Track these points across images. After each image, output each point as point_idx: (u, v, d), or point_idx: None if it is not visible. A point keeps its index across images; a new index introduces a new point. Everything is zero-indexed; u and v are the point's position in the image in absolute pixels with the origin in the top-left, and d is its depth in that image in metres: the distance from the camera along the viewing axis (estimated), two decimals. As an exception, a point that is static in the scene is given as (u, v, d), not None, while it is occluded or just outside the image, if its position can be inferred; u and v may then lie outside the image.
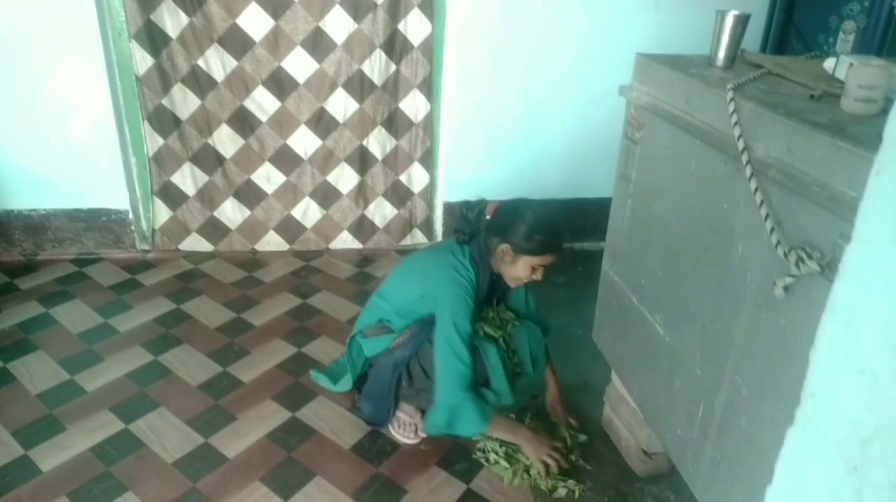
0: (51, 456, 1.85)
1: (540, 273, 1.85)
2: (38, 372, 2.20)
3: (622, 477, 1.89)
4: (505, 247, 1.81)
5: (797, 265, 0.99)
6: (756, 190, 1.11)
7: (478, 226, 1.90)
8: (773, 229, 1.07)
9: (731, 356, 1.27)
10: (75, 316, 2.52)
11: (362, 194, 3.12)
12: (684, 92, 1.42)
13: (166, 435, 1.95)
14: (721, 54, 1.49)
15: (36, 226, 2.89)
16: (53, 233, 2.91)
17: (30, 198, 2.85)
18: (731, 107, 1.20)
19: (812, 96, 1.21)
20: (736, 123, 1.18)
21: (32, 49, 2.59)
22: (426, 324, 1.89)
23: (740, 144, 1.16)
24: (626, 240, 1.75)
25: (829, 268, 0.97)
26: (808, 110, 1.14)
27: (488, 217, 1.89)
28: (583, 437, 1.99)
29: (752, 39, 3.02)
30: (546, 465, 1.81)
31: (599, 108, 3.01)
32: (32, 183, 2.81)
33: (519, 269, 1.83)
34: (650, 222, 1.61)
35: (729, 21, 1.47)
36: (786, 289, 1.05)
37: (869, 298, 0.58)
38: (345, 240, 3.16)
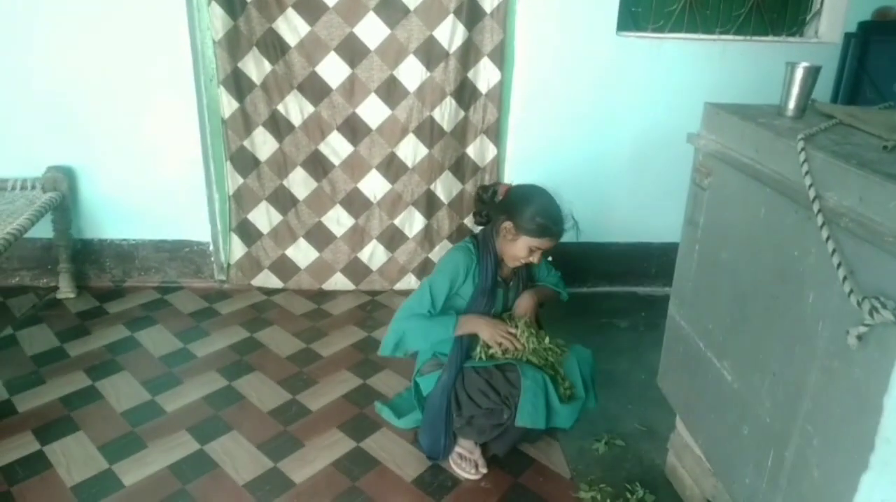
0: (132, 472, 1.96)
1: (537, 256, 1.96)
2: (122, 391, 2.34)
3: (686, 528, 1.85)
4: (508, 224, 1.93)
5: (871, 314, 1.00)
6: (828, 238, 1.12)
7: (492, 208, 2.04)
8: (845, 278, 1.08)
9: (802, 405, 1.26)
10: (157, 340, 2.68)
11: (428, 237, 3.21)
12: (754, 141, 1.45)
13: (238, 457, 2.04)
14: (791, 104, 1.51)
15: (125, 254, 3.10)
16: (140, 261, 3.12)
17: (121, 228, 3.07)
18: (802, 156, 1.23)
19: (885, 147, 1.22)
20: (807, 173, 1.21)
21: (132, 91, 2.84)
22: (462, 342, 1.98)
23: (811, 193, 1.18)
24: (694, 285, 1.76)
25: (904, 318, 0.97)
26: (881, 161, 1.15)
27: (500, 198, 2.02)
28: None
29: (824, 88, 3.00)
30: (499, 344, 1.95)
31: (663, 153, 3.04)
32: (124, 214, 3.04)
33: (517, 248, 1.94)
34: (718, 268, 1.62)
35: (799, 73, 1.49)
36: (859, 338, 1.05)
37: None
38: (409, 282, 3.23)
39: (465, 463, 2.02)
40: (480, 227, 2.11)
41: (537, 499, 1.94)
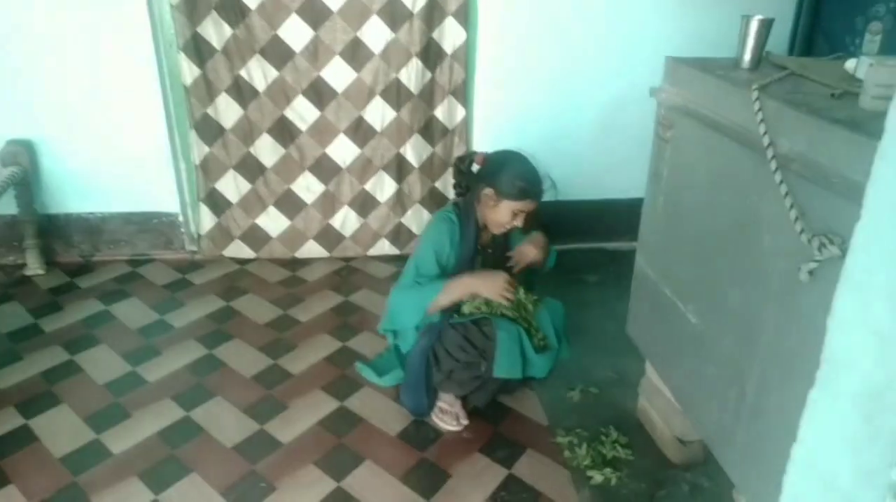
0: (120, 440, 1.99)
1: (520, 219, 1.99)
2: (102, 363, 2.35)
3: (658, 466, 1.96)
4: (489, 191, 1.96)
5: (819, 250, 1.08)
6: (781, 182, 1.19)
7: (471, 177, 2.06)
8: (797, 218, 1.16)
9: (760, 340, 1.35)
10: (132, 312, 2.68)
11: (400, 202, 3.22)
12: (713, 93, 1.51)
13: (224, 421, 2.09)
14: (747, 57, 1.57)
15: (93, 228, 3.07)
16: (109, 234, 3.09)
17: (87, 201, 3.03)
18: (757, 105, 1.29)
19: (833, 95, 1.29)
20: (761, 121, 1.27)
21: (90, 60, 2.76)
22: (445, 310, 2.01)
23: (766, 140, 1.25)
24: (659, 234, 1.83)
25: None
26: (829, 108, 1.22)
27: (478, 167, 2.04)
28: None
29: (780, 41, 3.08)
30: (506, 299, 1.97)
31: (627, 109, 3.10)
32: (89, 187, 2.99)
33: (500, 214, 1.98)
34: (681, 217, 1.70)
35: (754, 25, 1.55)
36: (810, 273, 1.13)
37: (876, 268, 0.67)
38: (382, 248, 3.25)
39: (447, 416, 2.10)
40: (460, 197, 2.12)
41: (517, 445, 2.03)
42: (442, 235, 2.02)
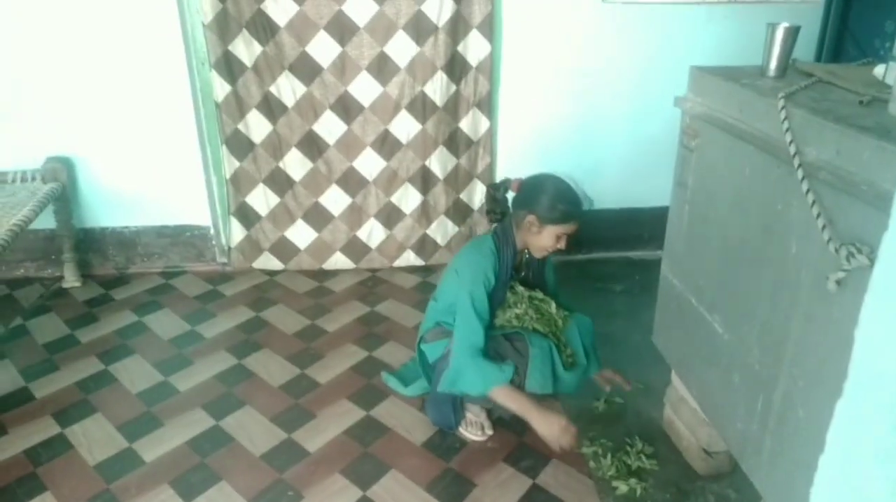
0: (152, 449, 2.04)
1: (563, 241, 1.97)
2: (136, 373, 2.41)
3: (684, 476, 1.94)
4: (531, 218, 1.94)
5: (847, 259, 1.07)
6: (808, 191, 1.19)
7: (506, 204, 2.05)
8: (824, 227, 1.15)
9: (787, 350, 1.34)
10: (165, 323, 2.75)
11: (425, 213, 3.25)
12: (738, 101, 1.50)
13: (253, 430, 2.12)
14: (773, 65, 1.56)
15: (127, 241, 3.15)
16: (143, 247, 3.17)
17: (122, 216, 3.11)
18: (783, 114, 1.29)
19: (861, 102, 1.28)
20: (787, 129, 1.26)
21: (125, 79, 2.85)
22: None
23: (792, 149, 1.24)
24: (684, 244, 1.82)
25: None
26: (856, 115, 1.21)
27: (513, 193, 2.03)
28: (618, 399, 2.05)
29: (808, 47, 3.05)
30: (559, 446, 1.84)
31: (652, 119, 3.10)
32: (124, 202, 3.08)
33: (544, 239, 1.96)
34: (707, 226, 1.69)
35: (779, 33, 1.54)
36: (838, 282, 1.12)
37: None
38: (408, 259, 3.28)
39: (472, 427, 2.10)
40: (496, 223, 2.09)
41: (541, 456, 2.02)
42: (488, 270, 1.97)
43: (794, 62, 1.63)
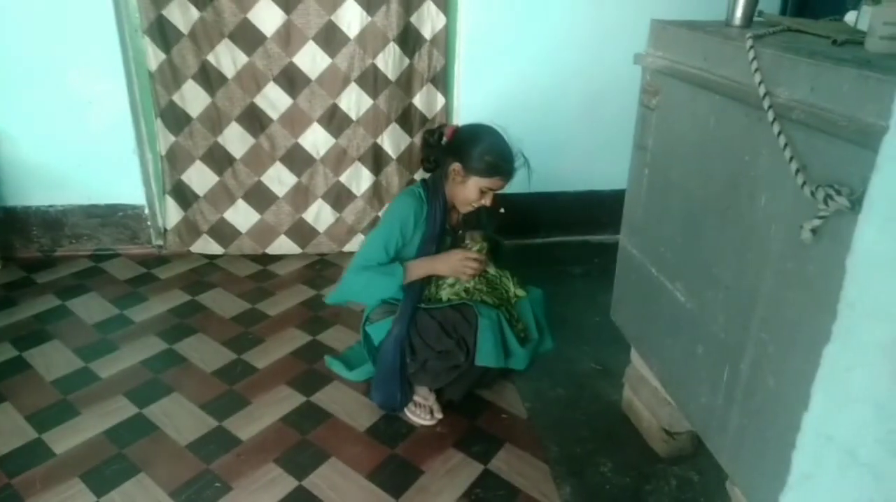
0: (64, 440, 1.84)
1: (489, 198, 1.87)
2: (52, 360, 2.19)
3: (644, 459, 1.84)
4: (457, 166, 1.84)
5: (826, 201, 0.96)
6: (779, 133, 1.08)
7: (440, 152, 1.93)
8: (798, 171, 1.04)
9: (755, 314, 1.23)
10: (91, 307, 2.53)
11: (377, 195, 3.09)
12: (702, 49, 1.39)
13: (180, 418, 1.94)
14: (738, 13, 1.46)
15: (53, 221, 2.91)
16: (70, 228, 2.93)
17: (47, 194, 2.87)
18: (752, 54, 1.18)
19: (835, 42, 1.18)
20: (756, 69, 1.16)
21: (50, 45, 2.63)
22: (414, 291, 1.88)
23: (762, 90, 1.13)
24: (644, 211, 1.71)
25: (859, 204, 0.93)
26: (831, 52, 1.11)
27: (447, 140, 1.91)
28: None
29: (772, 3, 2.98)
30: (467, 274, 1.88)
31: (611, 98, 3.00)
32: (49, 178, 2.84)
33: (468, 190, 1.86)
34: (668, 189, 1.58)
35: (745, -20, 1.44)
36: (813, 231, 1.01)
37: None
38: (359, 243, 3.10)
39: (420, 410, 1.96)
40: (429, 174, 2.01)
41: (494, 440, 1.89)
42: (408, 211, 1.88)
43: (760, 14, 1.54)
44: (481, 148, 1.82)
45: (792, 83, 1.10)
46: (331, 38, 2.80)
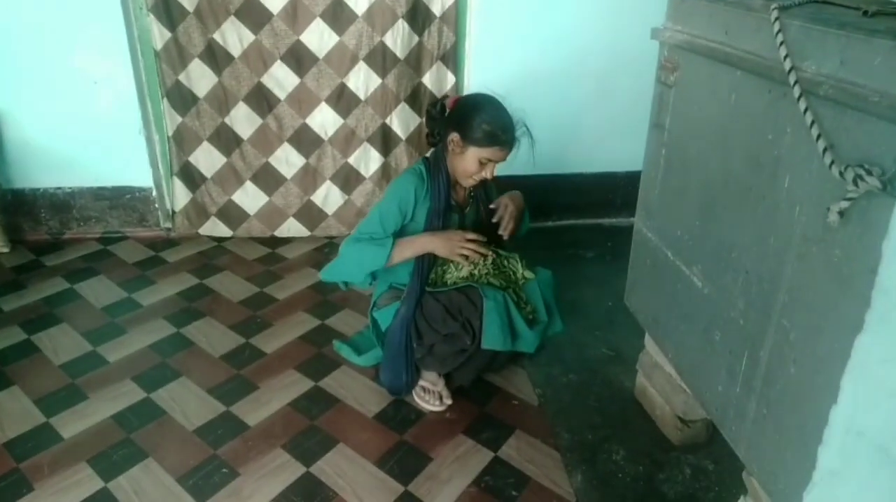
0: (72, 424, 1.83)
1: (489, 169, 1.83)
2: (61, 343, 2.19)
3: (657, 447, 1.80)
4: (455, 136, 1.80)
5: (855, 182, 0.90)
6: (806, 110, 1.02)
7: (441, 124, 1.88)
8: (825, 150, 0.98)
9: (777, 300, 1.18)
10: (99, 291, 2.51)
11: (386, 177, 3.02)
12: (723, 22, 1.33)
13: (187, 403, 1.92)
14: (761, -15, 1.39)
15: (61, 204, 2.89)
16: (78, 211, 2.91)
17: (55, 176, 2.85)
18: (777, 26, 1.11)
19: (865, 13, 1.11)
20: (782, 43, 1.09)
21: (56, 24, 2.59)
22: (421, 272, 1.85)
23: (787, 64, 1.07)
24: (660, 193, 1.66)
25: (891, 184, 0.88)
26: (862, 23, 1.04)
27: (448, 111, 1.87)
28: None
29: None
30: (465, 257, 1.83)
31: (627, 76, 2.91)
32: (56, 160, 2.81)
33: (467, 161, 1.81)
34: (686, 170, 1.52)
35: (770, -51, 1.37)
36: (841, 213, 0.96)
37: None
38: None
39: (429, 396, 1.93)
40: (432, 147, 1.96)
41: (504, 427, 1.86)
42: (407, 187, 1.84)
43: (784, -15, 1.46)
44: (480, 117, 1.77)
45: (820, 57, 1.04)
46: (338, 15, 2.74)
